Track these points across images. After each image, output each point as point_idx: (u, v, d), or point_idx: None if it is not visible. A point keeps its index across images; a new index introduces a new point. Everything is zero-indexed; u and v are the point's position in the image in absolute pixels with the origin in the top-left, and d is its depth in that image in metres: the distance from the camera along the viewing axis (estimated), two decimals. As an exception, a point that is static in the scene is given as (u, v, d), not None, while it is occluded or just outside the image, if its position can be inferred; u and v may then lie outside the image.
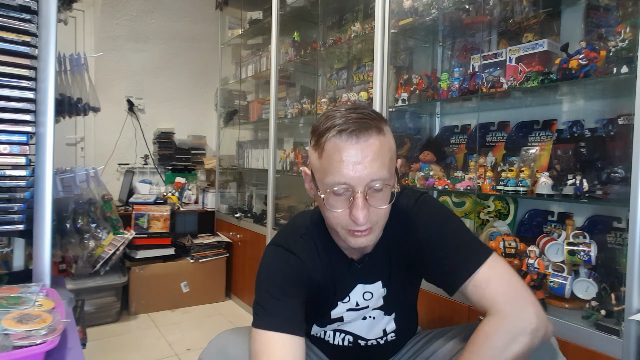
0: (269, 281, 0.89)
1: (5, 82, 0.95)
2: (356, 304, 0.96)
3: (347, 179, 0.76)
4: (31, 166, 1.00)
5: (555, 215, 1.51)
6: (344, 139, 0.76)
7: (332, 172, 0.77)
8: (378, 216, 0.81)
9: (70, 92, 1.34)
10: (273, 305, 0.85)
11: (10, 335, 0.67)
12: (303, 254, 0.92)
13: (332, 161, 0.77)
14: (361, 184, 0.76)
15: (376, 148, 0.77)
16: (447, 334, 0.99)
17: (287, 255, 0.91)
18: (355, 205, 0.77)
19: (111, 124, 3.22)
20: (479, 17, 1.65)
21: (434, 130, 1.99)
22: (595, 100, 1.44)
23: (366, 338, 1.01)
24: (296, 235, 0.94)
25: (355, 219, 0.77)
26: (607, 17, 1.34)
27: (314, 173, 0.84)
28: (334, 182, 0.77)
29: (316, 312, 0.95)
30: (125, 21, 3.27)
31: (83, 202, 1.37)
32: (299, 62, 2.53)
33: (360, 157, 0.76)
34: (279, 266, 0.90)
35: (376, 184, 0.77)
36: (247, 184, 3.25)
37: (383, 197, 0.80)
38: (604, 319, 1.08)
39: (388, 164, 0.79)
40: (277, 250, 0.93)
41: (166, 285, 2.74)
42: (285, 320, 0.83)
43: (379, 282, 0.96)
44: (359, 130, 0.76)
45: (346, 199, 0.79)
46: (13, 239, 1.20)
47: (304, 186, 0.91)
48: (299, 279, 0.89)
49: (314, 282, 0.91)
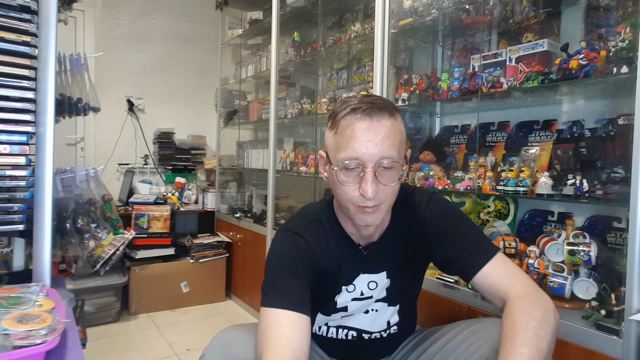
0: (278, 262, 0.93)
1: (5, 82, 0.95)
2: (361, 293, 0.99)
3: (359, 154, 0.80)
4: (31, 166, 1.00)
5: (555, 215, 1.51)
6: (358, 117, 0.81)
7: (345, 147, 0.82)
8: (385, 194, 0.84)
9: (70, 92, 1.34)
10: (281, 284, 0.89)
11: (10, 335, 0.67)
12: (311, 237, 0.95)
13: (346, 137, 0.82)
14: (371, 160, 0.80)
15: (387, 128, 0.81)
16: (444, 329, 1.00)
17: (296, 238, 0.95)
18: (365, 180, 0.81)
19: (111, 124, 3.22)
20: (479, 17, 1.64)
21: (434, 130, 1.99)
22: (595, 100, 1.44)
23: (370, 331, 1.03)
24: (305, 221, 0.98)
25: (364, 192, 0.81)
26: (607, 17, 1.34)
27: (329, 152, 0.88)
28: (346, 157, 0.82)
29: (321, 298, 0.98)
30: (125, 21, 3.27)
31: (83, 202, 1.37)
32: (299, 62, 2.53)
33: (372, 134, 0.80)
34: (288, 248, 0.94)
35: (385, 162, 0.81)
36: (247, 184, 3.25)
37: (391, 176, 0.84)
38: (604, 319, 1.08)
39: (398, 146, 0.83)
40: (286, 233, 0.97)
41: (166, 285, 2.74)
42: (292, 298, 0.86)
43: (384, 273, 0.99)
44: (372, 110, 0.81)
45: (357, 175, 0.83)
46: (13, 239, 1.21)
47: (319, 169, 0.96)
48: (306, 261, 0.93)
49: (320, 265, 0.95)
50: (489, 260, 0.88)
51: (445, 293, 1.43)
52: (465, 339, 0.92)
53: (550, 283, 1.23)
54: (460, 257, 0.91)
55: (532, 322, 0.76)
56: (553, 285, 1.23)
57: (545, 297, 0.83)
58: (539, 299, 0.81)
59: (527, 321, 0.76)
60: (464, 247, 0.91)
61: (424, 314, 1.14)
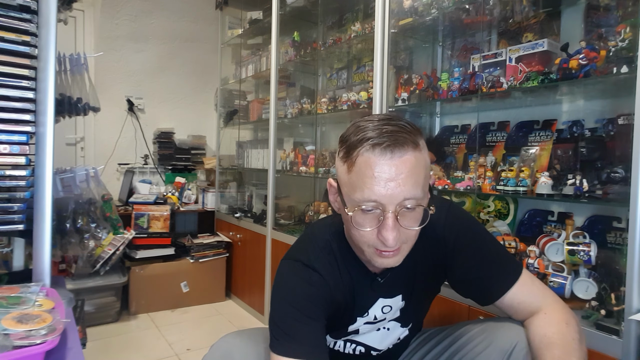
0: (290, 302, 0.82)
1: (5, 82, 0.95)
2: (374, 317, 0.92)
3: (378, 196, 0.70)
4: (31, 166, 1.00)
5: (555, 215, 1.51)
6: (377, 154, 0.70)
7: (361, 188, 0.71)
8: (408, 236, 0.76)
9: (70, 92, 1.34)
10: (295, 329, 0.80)
11: (10, 335, 0.67)
12: (324, 270, 0.85)
13: (363, 177, 0.71)
14: (393, 202, 0.71)
15: (411, 165, 0.71)
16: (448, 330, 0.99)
17: (309, 273, 0.85)
18: (385, 226, 0.72)
19: (111, 124, 3.22)
20: (478, 17, 1.64)
21: (434, 130, 1.99)
22: (595, 100, 1.43)
23: (379, 349, 0.98)
24: (316, 249, 0.88)
25: (385, 240, 0.72)
26: (607, 17, 1.34)
27: (341, 187, 0.78)
28: (363, 199, 0.72)
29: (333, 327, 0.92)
30: (125, 21, 3.27)
31: (83, 202, 1.37)
32: (299, 62, 2.53)
33: (393, 173, 0.70)
34: (300, 285, 0.84)
35: (408, 203, 0.72)
36: (247, 184, 3.25)
37: (415, 217, 0.74)
38: (603, 319, 1.08)
39: (422, 182, 0.73)
40: (297, 265, 0.86)
41: (166, 285, 2.74)
42: (309, 346, 0.78)
43: (399, 296, 0.93)
44: (394, 145, 0.70)
45: (375, 217, 0.73)
46: (13, 238, 1.21)
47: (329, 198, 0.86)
48: (322, 300, 0.84)
49: (335, 299, 0.86)
50: (517, 280, 0.86)
51: (445, 293, 1.43)
52: (470, 339, 0.91)
53: (550, 283, 1.23)
54: (484, 279, 0.87)
55: (576, 335, 0.79)
56: (553, 285, 1.23)
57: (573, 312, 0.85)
58: (573, 314, 0.84)
59: (572, 334, 0.79)
60: (488, 268, 0.86)
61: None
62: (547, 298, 0.86)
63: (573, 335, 0.79)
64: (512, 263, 0.88)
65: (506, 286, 0.85)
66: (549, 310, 0.84)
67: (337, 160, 0.80)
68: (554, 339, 0.78)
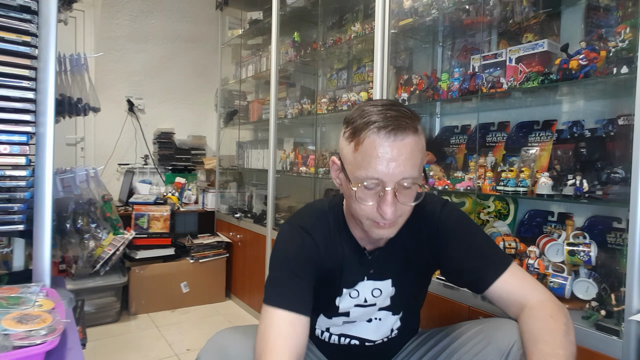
0: (283, 260, 0.93)
1: (5, 82, 0.95)
2: (364, 300, 0.98)
3: (380, 174, 0.78)
4: (31, 166, 1.00)
5: (555, 215, 1.51)
6: (382, 136, 0.78)
7: (366, 166, 0.79)
8: (403, 211, 0.84)
9: (70, 92, 1.34)
10: (285, 284, 0.89)
11: (10, 335, 0.67)
12: (318, 236, 0.95)
13: (368, 156, 0.79)
14: (392, 180, 0.79)
15: (411, 148, 0.79)
16: (446, 330, 1.00)
17: (304, 236, 0.94)
18: (385, 201, 0.80)
19: (111, 124, 3.22)
20: (479, 17, 1.64)
21: (434, 130, 1.99)
22: (595, 101, 1.43)
23: (373, 340, 1.02)
24: (313, 217, 0.98)
25: (384, 213, 0.80)
26: (607, 18, 1.34)
27: (345, 164, 0.85)
28: (366, 176, 0.80)
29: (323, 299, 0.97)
30: (125, 21, 3.27)
31: (83, 202, 1.37)
32: (299, 62, 2.53)
33: (395, 154, 0.78)
34: (295, 246, 0.94)
35: (406, 182, 0.80)
36: (247, 184, 3.25)
37: (410, 195, 0.83)
38: (604, 320, 1.08)
39: (419, 163, 0.82)
40: (293, 229, 0.96)
41: (166, 285, 2.74)
42: (294, 299, 0.87)
43: (389, 281, 0.98)
44: (398, 129, 0.78)
45: (375, 194, 0.81)
46: (13, 239, 1.21)
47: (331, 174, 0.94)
48: (312, 261, 0.93)
49: (325, 264, 0.95)
50: (506, 269, 0.89)
51: (445, 293, 1.43)
52: (468, 339, 0.92)
53: (550, 283, 1.23)
54: (476, 268, 0.91)
55: (562, 327, 0.79)
56: (553, 285, 1.23)
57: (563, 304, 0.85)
58: (561, 306, 0.84)
59: (559, 326, 0.79)
60: (479, 258, 0.91)
61: (424, 314, 1.13)
62: (535, 291, 0.87)
63: (559, 328, 0.78)
64: (502, 255, 0.93)
65: (495, 274, 0.88)
66: (535, 304, 0.84)
67: (341, 140, 0.87)
68: (540, 334, 0.78)
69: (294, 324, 0.84)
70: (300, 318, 0.85)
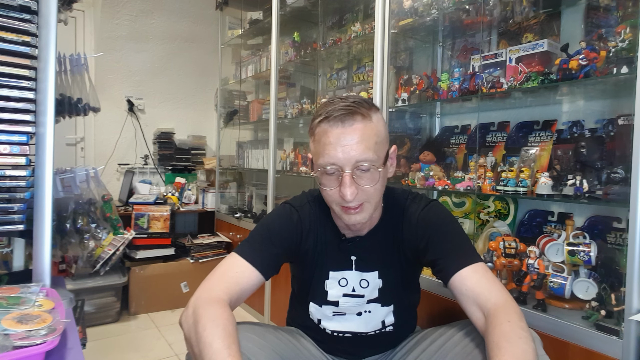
0: (265, 225, 1.01)
1: (5, 82, 0.95)
2: (352, 289, 1.02)
3: (335, 159, 0.85)
4: (31, 166, 1.00)
5: (555, 215, 1.51)
6: (331, 124, 0.86)
7: (322, 154, 0.87)
8: (367, 195, 0.89)
9: (70, 92, 1.34)
10: (257, 243, 0.97)
11: (10, 335, 0.67)
12: (305, 214, 1.03)
13: (322, 144, 0.87)
14: (348, 164, 0.85)
15: (360, 132, 0.85)
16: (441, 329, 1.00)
17: (292, 212, 1.03)
18: (343, 183, 0.86)
19: (111, 124, 3.22)
20: (479, 17, 1.65)
21: (434, 130, 1.99)
22: (595, 101, 1.44)
23: (365, 332, 1.05)
24: (305, 200, 1.06)
25: (344, 195, 0.86)
26: (607, 18, 1.34)
27: (313, 157, 0.94)
28: (325, 163, 0.87)
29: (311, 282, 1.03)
30: (125, 21, 3.27)
31: (83, 202, 1.37)
32: (299, 62, 2.53)
33: (346, 139, 0.84)
34: (280, 217, 1.02)
35: (362, 164, 0.85)
36: (247, 184, 3.25)
37: (370, 177, 0.88)
38: (604, 319, 1.08)
39: (374, 147, 0.86)
40: (285, 206, 1.06)
41: (166, 285, 2.74)
42: (258, 257, 0.94)
43: (375, 272, 1.02)
44: (344, 116, 0.85)
45: (336, 178, 0.88)
46: (13, 239, 1.21)
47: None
48: (292, 236, 1.00)
49: (305, 242, 1.02)
50: (470, 264, 0.89)
51: (445, 293, 1.43)
52: (462, 338, 0.92)
53: (550, 283, 1.24)
54: (442, 258, 0.94)
55: (521, 332, 0.77)
56: (553, 285, 1.23)
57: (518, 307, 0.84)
58: (518, 310, 0.83)
59: (518, 331, 0.76)
60: (447, 249, 0.94)
61: (423, 314, 1.14)
62: (493, 292, 0.85)
63: (517, 333, 0.76)
64: (472, 253, 0.94)
65: (458, 266, 0.90)
66: (493, 307, 0.83)
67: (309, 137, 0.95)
68: (498, 341, 0.76)
69: (245, 273, 0.92)
70: (255, 273, 0.92)
